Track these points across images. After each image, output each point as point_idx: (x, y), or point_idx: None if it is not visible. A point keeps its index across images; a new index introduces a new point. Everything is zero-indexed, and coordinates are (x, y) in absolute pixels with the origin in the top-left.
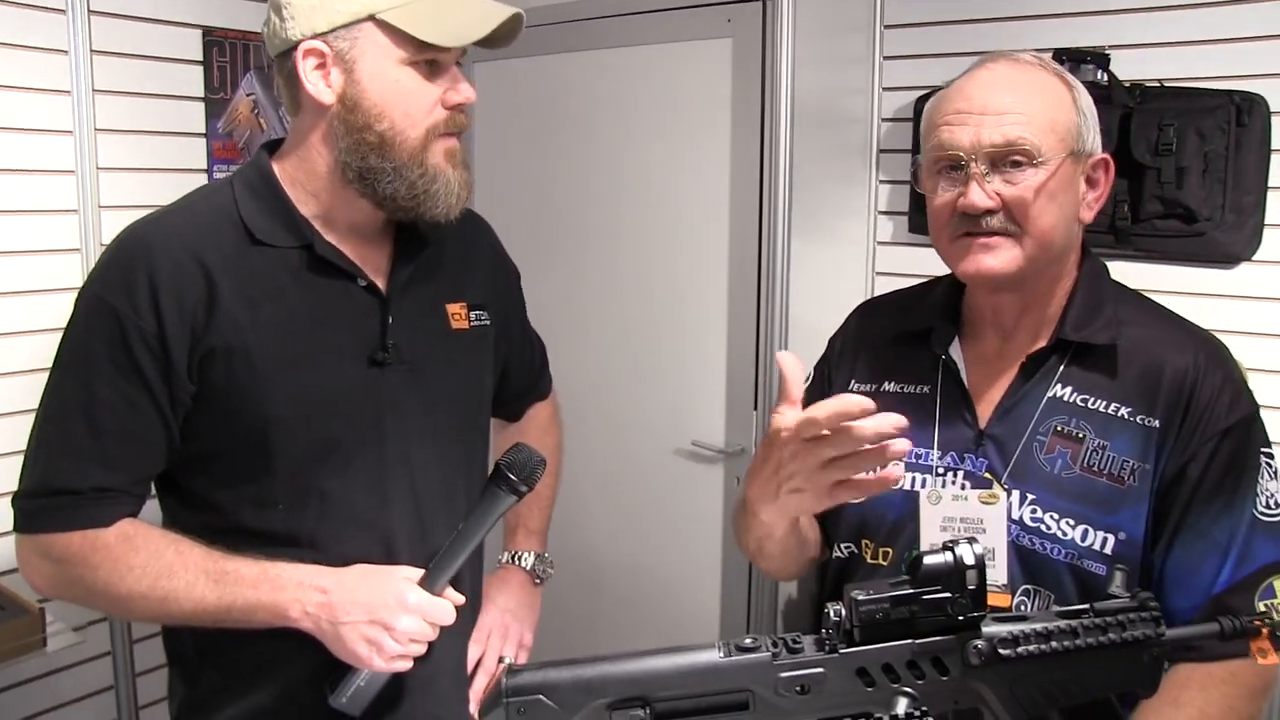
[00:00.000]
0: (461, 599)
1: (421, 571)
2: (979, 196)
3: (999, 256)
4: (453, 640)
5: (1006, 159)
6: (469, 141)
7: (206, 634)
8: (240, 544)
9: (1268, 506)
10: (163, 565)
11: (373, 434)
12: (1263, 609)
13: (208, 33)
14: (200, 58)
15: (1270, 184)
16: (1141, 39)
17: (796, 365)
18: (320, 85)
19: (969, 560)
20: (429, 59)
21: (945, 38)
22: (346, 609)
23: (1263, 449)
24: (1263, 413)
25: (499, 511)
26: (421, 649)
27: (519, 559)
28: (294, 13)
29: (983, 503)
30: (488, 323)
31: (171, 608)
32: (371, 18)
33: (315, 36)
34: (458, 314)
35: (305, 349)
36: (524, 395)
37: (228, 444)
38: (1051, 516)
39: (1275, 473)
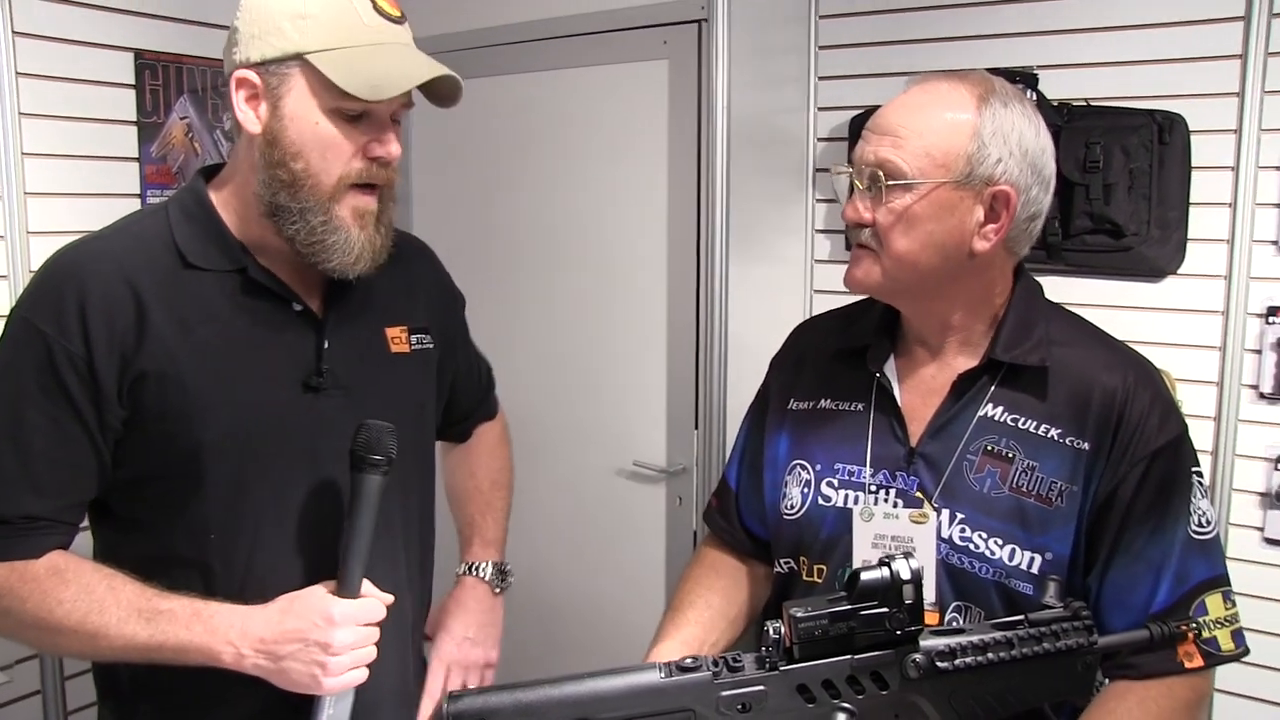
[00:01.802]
0: (390, 598)
1: (332, 582)
2: (849, 210)
3: (861, 266)
4: (393, 663)
5: (881, 178)
6: (406, 164)
7: (142, 667)
8: (174, 572)
9: (1200, 525)
10: (93, 600)
11: (306, 459)
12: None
13: (139, 55)
14: (132, 81)
15: (1192, 200)
16: (1068, 59)
17: None
18: (249, 115)
19: (905, 575)
20: (358, 109)
21: (878, 58)
22: (281, 644)
23: (1193, 468)
24: (1190, 421)
25: (374, 495)
26: (371, 654)
27: (477, 570)
28: (240, 39)
29: (913, 522)
30: (431, 346)
31: (101, 644)
32: (300, 58)
33: (250, 66)
34: (398, 338)
35: (238, 373)
36: (470, 416)
37: (161, 469)
38: (980, 535)
39: (1205, 490)
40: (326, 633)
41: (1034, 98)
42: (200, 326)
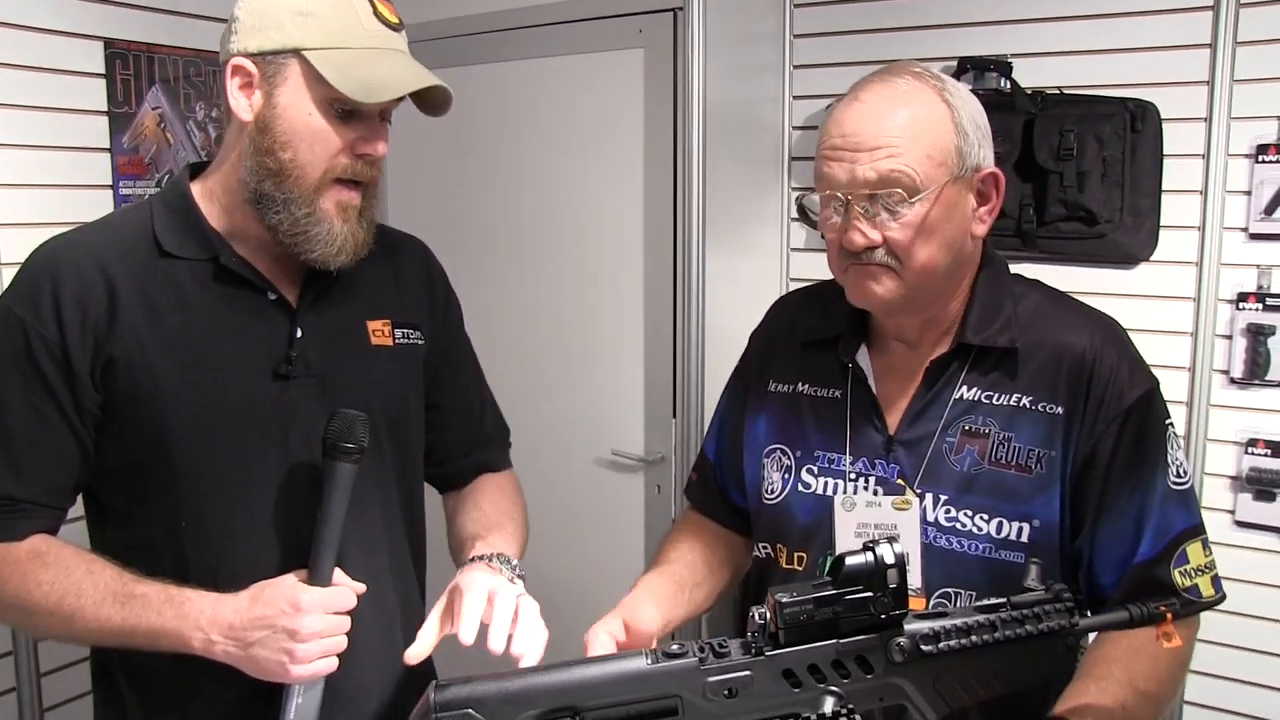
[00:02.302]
0: (361, 587)
1: (304, 571)
2: (857, 236)
3: (881, 284)
4: (376, 656)
5: (885, 194)
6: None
7: (135, 654)
8: (152, 559)
9: (1178, 475)
10: (71, 583)
11: (277, 448)
12: (1178, 576)
13: (109, 45)
14: (102, 70)
15: (1164, 187)
16: (1042, 48)
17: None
18: (242, 102)
19: (889, 560)
20: (348, 106)
21: (854, 47)
22: (249, 630)
23: (1166, 419)
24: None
25: (346, 483)
26: (341, 643)
27: (483, 559)
28: (239, 29)
29: (896, 509)
30: (420, 342)
31: (77, 626)
32: (297, 53)
33: (247, 55)
34: (379, 330)
35: (207, 360)
36: (472, 453)
37: (134, 456)
38: (965, 514)
39: (1179, 441)
40: (294, 620)
41: (1008, 86)
42: (172, 314)
